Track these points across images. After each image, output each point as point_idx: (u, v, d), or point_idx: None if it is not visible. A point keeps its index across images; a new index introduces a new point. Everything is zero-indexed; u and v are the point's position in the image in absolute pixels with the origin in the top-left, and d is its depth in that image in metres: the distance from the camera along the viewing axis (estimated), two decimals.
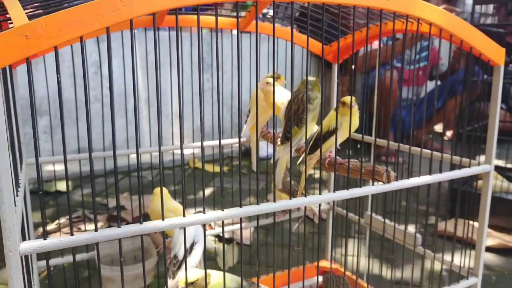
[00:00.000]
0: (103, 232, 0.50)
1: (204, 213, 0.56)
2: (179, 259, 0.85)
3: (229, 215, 0.56)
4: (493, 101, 0.80)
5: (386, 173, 0.69)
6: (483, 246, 0.87)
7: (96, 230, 0.49)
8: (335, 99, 1.20)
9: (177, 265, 0.84)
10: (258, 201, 0.59)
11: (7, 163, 0.44)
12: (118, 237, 0.50)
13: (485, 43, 0.75)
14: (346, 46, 1.11)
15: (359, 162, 0.76)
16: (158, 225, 0.52)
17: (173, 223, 0.53)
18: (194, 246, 0.89)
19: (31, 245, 0.46)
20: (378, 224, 1.03)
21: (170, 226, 0.53)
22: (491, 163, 0.82)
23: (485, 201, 0.84)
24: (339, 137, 0.76)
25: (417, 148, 0.88)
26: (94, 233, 0.49)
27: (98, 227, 0.50)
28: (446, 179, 0.77)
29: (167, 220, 0.53)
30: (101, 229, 0.50)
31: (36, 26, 0.43)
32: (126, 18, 0.47)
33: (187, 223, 0.54)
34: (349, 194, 0.66)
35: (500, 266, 1.54)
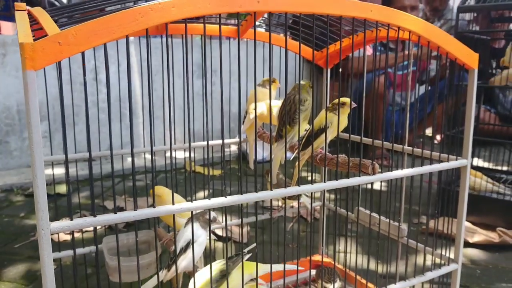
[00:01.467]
0: (122, 214, 0.57)
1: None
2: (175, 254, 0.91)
3: (232, 201, 0.63)
4: (468, 101, 0.88)
5: (371, 166, 0.76)
6: (462, 235, 0.94)
7: (115, 213, 0.56)
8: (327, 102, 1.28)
9: (173, 260, 0.90)
10: (256, 190, 0.66)
11: (40, 154, 0.51)
12: (135, 219, 0.57)
13: (459, 49, 0.84)
14: (336, 52, 1.19)
15: (347, 157, 0.84)
16: (169, 209, 0.59)
17: (182, 207, 0.60)
18: (190, 245, 0.94)
19: (60, 225, 0.53)
20: (365, 217, 1.10)
21: (180, 209, 0.60)
22: (468, 157, 0.90)
23: (463, 192, 0.92)
24: (329, 134, 0.83)
25: (400, 146, 0.96)
26: (114, 215, 0.56)
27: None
28: (426, 172, 0.85)
29: (177, 204, 0.60)
30: (120, 212, 0.57)
31: (68, 34, 0.50)
32: (143, 27, 0.54)
33: (196, 207, 0.61)
34: (338, 184, 0.73)
35: (485, 261, 1.62)
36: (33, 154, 0.50)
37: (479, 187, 1.94)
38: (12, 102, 2.59)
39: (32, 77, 0.49)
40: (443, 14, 3.82)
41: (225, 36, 1.20)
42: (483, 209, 1.84)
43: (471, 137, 0.90)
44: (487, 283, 1.46)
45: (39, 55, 0.49)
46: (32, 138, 0.50)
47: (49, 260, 0.52)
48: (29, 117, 0.49)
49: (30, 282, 1.44)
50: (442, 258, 0.97)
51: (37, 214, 0.51)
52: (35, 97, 0.50)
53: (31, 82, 0.49)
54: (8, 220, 1.99)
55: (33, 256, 1.62)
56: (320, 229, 1.39)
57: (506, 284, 1.46)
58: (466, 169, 0.91)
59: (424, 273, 0.92)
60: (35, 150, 0.50)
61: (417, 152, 0.88)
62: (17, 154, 2.65)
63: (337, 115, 0.79)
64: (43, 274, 0.53)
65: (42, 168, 0.51)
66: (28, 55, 0.48)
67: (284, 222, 0.81)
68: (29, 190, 2.38)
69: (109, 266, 0.98)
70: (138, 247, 1.09)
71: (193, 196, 1.25)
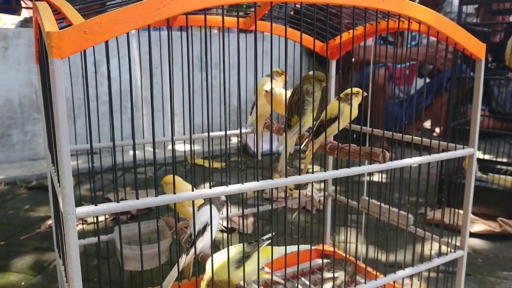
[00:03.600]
0: (144, 200, 0.58)
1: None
2: (193, 238, 0.94)
3: (248, 187, 0.64)
4: (475, 91, 0.90)
5: (382, 154, 0.78)
6: (468, 222, 0.96)
7: (138, 198, 0.58)
8: (332, 94, 1.29)
9: (191, 243, 0.92)
10: (271, 176, 0.67)
11: (67, 142, 0.52)
12: (156, 204, 0.58)
13: (467, 39, 0.85)
14: (343, 44, 1.20)
15: (357, 146, 0.85)
16: (189, 195, 0.61)
17: (202, 193, 0.61)
18: (207, 228, 0.97)
19: (86, 210, 0.55)
20: (374, 207, 1.12)
21: (200, 195, 0.61)
22: (474, 146, 0.91)
23: (469, 180, 0.94)
24: (340, 124, 0.85)
25: (408, 136, 0.98)
26: (136, 201, 0.58)
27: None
28: (434, 160, 0.86)
29: (197, 191, 0.61)
30: (142, 198, 0.58)
31: (93, 24, 0.51)
32: (164, 17, 0.55)
33: (213, 194, 0.63)
34: (350, 172, 0.74)
35: (486, 250, 1.65)
36: (59, 143, 0.51)
37: (479, 178, 1.98)
38: (14, 95, 2.59)
39: (59, 65, 0.50)
40: (442, 7, 3.83)
41: (232, 27, 1.21)
42: (484, 200, 1.86)
43: (478, 126, 0.92)
44: (489, 272, 1.49)
45: (65, 43, 0.50)
46: (58, 127, 0.51)
47: (75, 245, 0.54)
48: (56, 106, 0.50)
49: (38, 273, 1.45)
50: (448, 245, 0.99)
51: (63, 200, 0.53)
52: (62, 85, 0.51)
53: (58, 70, 0.50)
54: (13, 212, 2.00)
55: (39, 248, 1.63)
56: (325, 219, 1.41)
57: (508, 273, 1.48)
58: (472, 158, 0.92)
59: (431, 260, 0.94)
60: (61, 139, 0.51)
61: (423, 142, 0.90)
62: (19, 148, 2.65)
63: (350, 105, 0.80)
64: (69, 260, 0.54)
65: (68, 156, 0.52)
66: (55, 43, 0.49)
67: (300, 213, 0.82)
68: (32, 183, 2.39)
69: (124, 255, 1.00)
70: (149, 236, 1.11)
71: (193, 188, 1.26)
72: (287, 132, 0.93)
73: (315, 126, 0.91)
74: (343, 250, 1.51)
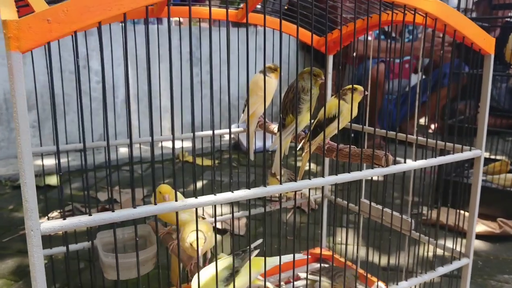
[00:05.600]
0: (120, 213, 0.51)
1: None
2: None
3: (238, 196, 0.58)
4: (483, 88, 0.84)
5: (385, 157, 0.71)
6: (474, 228, 0.91)
7: (113, 211, 0.51)
8: (329, 90, 1.23)
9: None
10: (264, 183, 0.61)
11: (28, 146, 0.45)
12: (134, 217, 0.52)
13: (476, 33, 0.79)
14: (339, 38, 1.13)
15: (357, 148, 0.79)
16: (172, 206, 0.54)
17: (186, 203, 0.55)
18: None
19: (52, 225, 0.48)
20: (375, 211, 1.06)
21: (183, 206, 0.54)
22: (482, 148, 0.85)
23: (476, 184, 0.88)
24: (339, 123, 0.78)
25: (412, 137, 0.92)
26: (111, 214, 0.51)
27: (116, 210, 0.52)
28: (440, 163, 0.80)
29: (180, 201, 0.55)
30: (118, 210, 0.51)
31: (58, 11, 0.44)
32: (142, 4, 0.48)
33: (200, 204, 0.56)
34: (350, 177, 0.68)
35: (486, 252, 1.60)
36: (20, 147, 0.44)
37: None
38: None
39: (18, 59, 0.43)
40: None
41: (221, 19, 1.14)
42: (483, 200, 1.81)
43: (486, 126, 0.86)
44: (489, 275, 1.44)
45: (25, 34, 0.43)
46: (19, 129, 0.44)
47: (40, 264, 0.47)
48: (16, 105, 0.44)
49: (20, 278, 1.38)
50: (453, 253, 0.93)
51: (26, 214, 0.46)
52: (22, 82, 0.44)
53: (17, 65, 0.43)
54: None
55: (23, 250, 1.56)
56: (321, 222, 1.35)
57: (509, 276, 1.44)
58: (480, 160, 0.87)
59: (435, 269, 0.89)
60: (22, 142, 0.44)
61: (422, 141, 0.84)
62: (5, 145, 2.56)
63: (349, 103, 0.74)
64: (32, 278, 0.48)
65: (30, 163, 0.45)
66: (13, 34, 0.42)
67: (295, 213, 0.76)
68: (18, 182, 2.31)
69: (103, 263, 0.93)
70: (133, 242, 1.04)
71: (185, 188, 1.20)
72: (281, 132, 0.86)
73: (312, 126, 0.85)
74: (339, 253, 1.46)
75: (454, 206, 1.00)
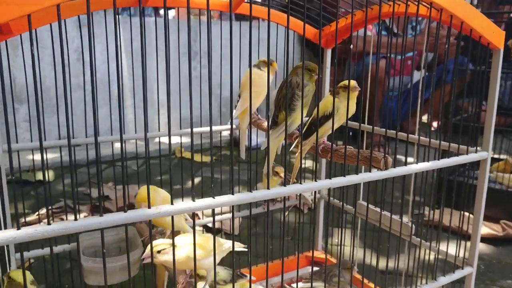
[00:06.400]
0: (84, 221, 0.46)
1: (194, 200, 0.52)
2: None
3: (220, 202, 0.52)
4: (491, 86, 0.78)
5: (383, 160, 0.66)
6: (478, 235, 0.85)
7: (76, 219, 0.45)
8: (327, 85, 1.17)
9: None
10: (250, 189, 0.55)
11: None
12: (101, 226, 0.46)
13: (486, 25, 0.73)
14: (339, 31, 1.07)
15: (354, 148, 0.73)
16: (144, 214, 0.48)
17: (160, 211, 0.49)
18: None
19: (3, 236, 0.42)
20: (373, 213, 1.01)
21: (158, 214, 0.49)
22: (489, 149, 0.80)
23: (481, 189, 0.82)
24: (335, 122, 0.72)
25: (412, 136, 0.86)
26: (74, 223, 0.45)
27: (81, 218, 0.46)
28: (443, 166, 0.74)
29: (154, 208, 0.49)
30: (82, 219, 0.46)
31: None
32: None
33: (176, 211, 0.50)
34: (346, 181, 0.62)
35: (489, 255, 1.54)
36: None
37: None
38: None
39: None
40: None
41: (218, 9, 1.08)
42: (486, 201, 1.75)
43: (493, 126, 0.80)
44: (492, 280, 1.38)
45: None
46: None
47: None
48: None
49: None
50: (456, 260, 0.88)
51: None
52: None
53: None
54: None
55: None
56: (318, 222, 1.30)
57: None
58: (486, 162, 0.81)
59: (436, 278, 0.83)
60: None
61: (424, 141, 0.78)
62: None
63: (346, 100, 0.68)
64: None
65: None
66: None
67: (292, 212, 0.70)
68: (7, 177, 2.26)
69: (84, 268, 0.87)
70: (119, 245, 0.99)
71: (183, 185, 1.14)
72: (273, 130, 0.80)
73: (306, 124, 0.79)
74: (336, 255, 1.40)
75: (457, 207, 0.94)
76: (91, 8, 0.43)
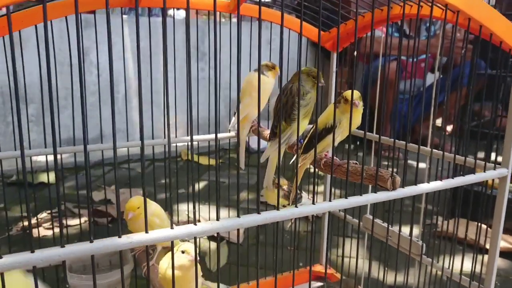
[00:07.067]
0: (41, 253, 0.40)
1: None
2: None
3: (202, 230, 0.46)
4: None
5: (391, 179, 0.59)
6: (496, 255, 0.77)
7: (32, 251, 0.40)
8: (333, 91, 1.10)
9: None
10: (238, 213, 0.49)
11: None
12: (60, 259, 0.40)
13: (507, 29, 0.65)
14: (347, 33, 1.01)
15: (359, 164, 0.67)
16: (113, 244, 0.42)
17: (132, 240, 0.43)
18: None
19: None
20: (380, 229, 0.94)
21: (128, 245, 0.43)
22: (509, 166, 0.72)
23: (500, 208, 0.75)
24: (337, 135, 0.66)
25: (425, 148, 0.79)
26: (30, 255, 0.39)
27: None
28: (459, 185, 0.67)
29: (125, 237, 0.43)
30: (39, 250, 0.40)
31: None
32: None
33: (152, 240, 0.44)
34: (347, 204, 0.56)
35: (505, 271, 1.46)
36: None
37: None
38: None
39: None
40: None
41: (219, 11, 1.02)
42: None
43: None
44: None
45: None
46: None
47: None
48: None
49: None
50: (471, 285, 0.80)
51: None
52: None
53: None
54: None
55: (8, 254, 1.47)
56: (322, 233, 1.23)
57: None
58: (506, 181, 0.73)
59: None
60: None
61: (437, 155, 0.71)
62: (1, 139, 2.49)
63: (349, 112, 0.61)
64: None
65: None
66: None
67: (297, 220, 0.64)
68: (12, 178, 2.23)
69: (69, 285, 0.82)
70: (109, 259, 0.94)
71: (188, 188, 1.09)
72: (272, 142, 0.74)
73: (307, 137, 0.73)
74: (341, 268, 1.33)
75: (473, 218, 0.88)
76: (87, 7, 0.39)
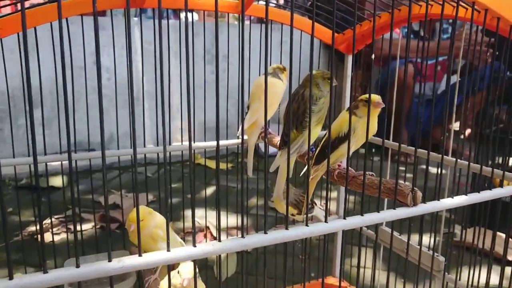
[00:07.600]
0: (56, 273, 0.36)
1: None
2: None
3: (202, 252, 0.42)
4: None
5: (411, 194, 0.54)
6: None
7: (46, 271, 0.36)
8: (347, 96, 1.05)
9: None
10: (243, 233, 0.44)
11: None
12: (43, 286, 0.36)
13: None
14: (362, 35, 0.96)
15: (375, 175, 0.62)
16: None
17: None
18: None
19: None
20: (397, 243, 0.88)
21: (120, 269, 0.39)
22: None
23: None
24: (352, 144, 0.61)
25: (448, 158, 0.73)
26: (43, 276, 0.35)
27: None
28: (481, 200, 0.62)
29: (116, 261, 0.39)
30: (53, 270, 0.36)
31: None
32: None
33: (146, 264, 0.40)
34: (362, 222, 0.51)
35: None
36: None
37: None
38: (5, 87, 2.42)
39: None
40: None
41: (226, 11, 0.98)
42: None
43: None
44: None
45: None
46: None
47: None
48: None
49: None
50: None
51: None
52: None
53: None
54: None
55: (15, 260, 1.45)
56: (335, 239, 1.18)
57: None
58: None
59: None
60: None
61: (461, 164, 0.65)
62: (11, 142, 2.49)
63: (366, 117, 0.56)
64: None
65: None
66: None
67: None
68: (22, 182, 2.22)
69: None
70: None
71: (196, 193, 1.05)
72: (283, 152, 0.70)
73: (319, 146, 0.68)
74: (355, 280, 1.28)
75: (491, 227, 0.83)
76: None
